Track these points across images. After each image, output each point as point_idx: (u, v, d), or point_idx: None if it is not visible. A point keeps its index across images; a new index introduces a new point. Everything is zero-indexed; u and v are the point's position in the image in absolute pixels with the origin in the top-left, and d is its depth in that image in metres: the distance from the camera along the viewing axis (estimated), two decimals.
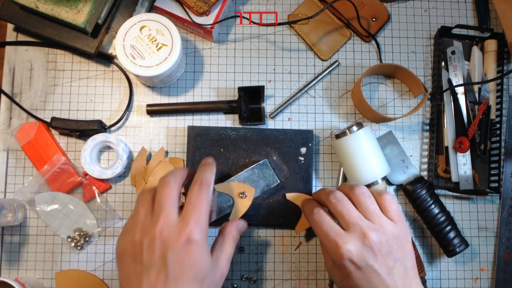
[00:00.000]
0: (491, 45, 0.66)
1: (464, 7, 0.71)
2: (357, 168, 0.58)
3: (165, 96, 0.66)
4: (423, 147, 0.67)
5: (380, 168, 0.59)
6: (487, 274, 0.65)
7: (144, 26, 0.60)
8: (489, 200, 0.66)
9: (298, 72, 0.68)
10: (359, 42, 0.69)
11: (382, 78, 0.68)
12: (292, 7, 0.69)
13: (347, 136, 0.59)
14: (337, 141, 0.60)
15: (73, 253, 0.62)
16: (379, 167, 0.59)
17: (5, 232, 0.62)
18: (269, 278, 0.63)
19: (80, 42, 0.62)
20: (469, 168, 0.64)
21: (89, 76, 0.66)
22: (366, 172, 0.58)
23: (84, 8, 0.59)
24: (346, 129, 0.59)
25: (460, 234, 0.62)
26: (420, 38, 0.69)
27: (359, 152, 0.58)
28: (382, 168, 0.59)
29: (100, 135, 0.62)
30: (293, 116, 0.67)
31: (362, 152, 0.58)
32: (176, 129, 0.65)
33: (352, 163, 0.59)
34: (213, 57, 0.67)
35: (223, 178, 0.61)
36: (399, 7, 0.70)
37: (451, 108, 0.65)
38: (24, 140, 0.62)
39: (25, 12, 0.61)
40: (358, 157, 0.58)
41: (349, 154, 0.59)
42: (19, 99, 0.65)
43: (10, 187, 0.63)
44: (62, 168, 0.62)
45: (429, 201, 0.62)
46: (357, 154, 0.58)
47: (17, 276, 0.62)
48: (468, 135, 0.63)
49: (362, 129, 0.59)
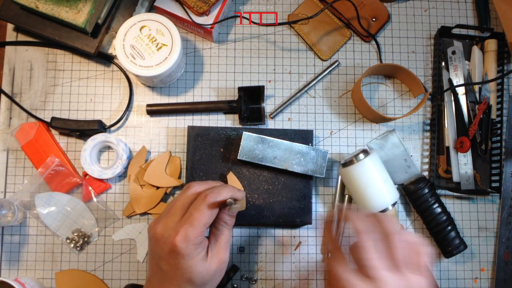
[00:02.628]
0: (491, 44, 0.66)
1: (464, 7, 0.71)
2: (367, 196, 0.57)
3: (165, 96, 0.66)
4: (424, 147, 0.67)
5: (390, 195, 0.57)
6: (487, 274, 0.65)
7: (144, 26, 0.60)
8: (489, 200, 0.66)
9: (298, 72, 0.68)
10: (359, 42, 0.69)
11: (382, 78, 0.68)
12: (292, 7, 0.69)
13: (354, 165, 0.57)
14: (344, 169, 0.58)
15: (73, 253, 0.62)
16: (389, 194, 0.57)
17: (5, 232, 0.62)
18: (269, 278, 0.63)
19: (80, 42, 0.62)
20: (470, 168, 0.64)
21: (89, 76, 0.66)
22: (376, 200, 0.57)
23: (84, 8, 0.59)
24: (353, 157, 0.57)
25: (460, 236, 0.62)
26: (420, 38, 0.69)
27: (367, 180, 0.57)
28: (392, 194, 0.58)
29: (100, 135, 0.62)
30: (293, 116, 0.67)
31: (370, 180, 0.57)
32: (176, 129, 0.65)
33: (361, 191, 0.57)
34: (213, 57, 0.67)
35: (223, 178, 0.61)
36: (399, 7, 0.70)
37: (452, 108, 0.65)
38: (24, 140, 0.62)
39: (25, 12, 0.61)
40: (367, 185, 0.57)
41: (357, 183, 0.57)
42: (19, 99, 0.65)
43: (10, 187, 0.63)
44: (56, 170, 0.62)
45: (430, 201, 0.61)
46: (365, 182, 0.57)
47: (17, 276, 0.62)
48: (469, 135, 0.63)
49: (368, 156, 0.57)
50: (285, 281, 0.63)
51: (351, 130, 0.67)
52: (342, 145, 0.66)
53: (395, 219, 0.59)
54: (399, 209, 0.65)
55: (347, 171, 0.58)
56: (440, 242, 0.62)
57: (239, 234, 0.64)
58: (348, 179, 0.58)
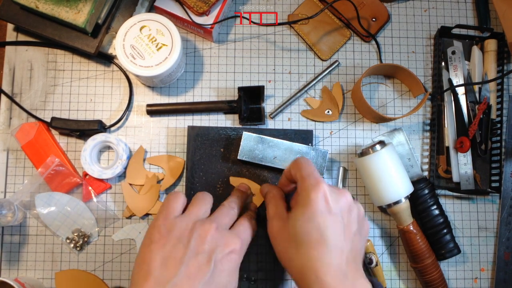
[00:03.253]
0: (491, 44, 0.66)
1: (464, 7, 0.71)
2: (380, 187, 0.58)
3: (165, 96, 0.66)
4: (424, 147, 0.67)
5: (404, 187, 0.58)
6: (487, 274, 0.65)
7: (144, 26, 0.60)
8: (489, 200, 0.66)
9: (298, 72, 0.68)
10: (359, 42, 0.69)
11: (382, 78, 0.68)
12: (292, 7, 0.69)
13: (370, 155, 0.58)
14: (359, 159, 0.59)
15: (73, 253, 0.62)
16: (403, 186, 0.58)
17: (5, 232, 0.62)
18: (269, 278, 0.63)
19: (80, 42, 0.62)
20: (470, 168, 0.64)
21: (89, 76, 0.66)
22: (390, 191, 0.58)
23: (84, 8, 0.59)
24: (369, 147, 0.58)
25: (454, 240, 0.61)
26: (420, 38, 0.69)
27: (383, 171, 0.58)
28: (406, 187, 0.58)
29: (100, 135, 0.62)
30: (293, 116, 0.67)
31: (385, 171, 0.58)
32: (176, 129, 0.65)
33: (375, 182, 0.58)
34: (213, 57, 0.67)
35: (225, 178, 0.61)
36: (399, 7, 0.70)
37: (452, 108, 0.65)
38: (24, 140, 0.62)
39: (25, 12, 0.61)
40: (381, 176, 0.58)
41: (372, 173, 0.58)
42: (19, 99, 0.65)
43: (10, 187, 0.63)
44: (56, 170, 0.62)
45: (429, 202, 0.61)
46: (380, 173, 0.58)
47: (17, 276, 0.62)
48: (469, 135, 0.63)
49: (384, 148, 0.58)
50: (285, 281, 0.63)
51: (351, 130, 0.67)
52: (342, 145, 0.66)
53: (407, 212, 0.59)
54: None
55: (363, 161, 0.59)
56: (434, 245, 0.61)
57: None
58: (364, 169, 0.59)
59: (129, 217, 0.63)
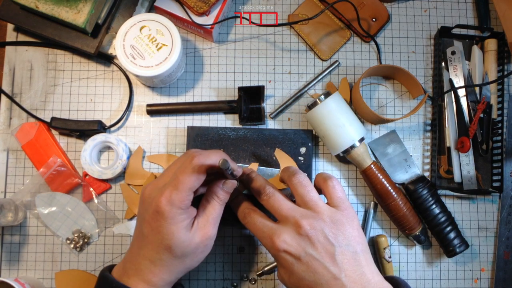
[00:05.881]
0: (491, 44, 0.66)
1: (464, 7, 0.71)
2: (332, 136, 0.60)
3: (165, 96, 0.66)
4: (425, 148, 0.67)
5: (355, 131, 0.60)
6: (487, 274, 0.65)
7: (144, 26, 0.60)
8: (489, 200, 0.66)
9: (298, 72, 0.68)
10: (359, 43, 0.69)
11: (381, 79, 0.68)
12: (292, 7, 0.69)
13: (317, 106, 0.60)
14: (309, 113, 0.61)
15: (73, 253, 0.62)
16: (354, 130, 0.60)
17: (5, 232, 0.62)
18: (269, 278, 0.63)
19: (80, 42, 0.62)
20: (472, 168, 0.64)
21: (89, 76, 0.66)
22: (342, 138, 0.59)
23: (84, 8, 0.59)
24: (316, 99, 0.60)
25: (461, 235, 0.62)
26: (420, 38, 0.69)
27: (332, 119, 0.59)
28: (357, 130, 0.60)
29: (100, 135, 0.62)
30: (293, 116, 0.67)
31: (335, 119, 0.59)
32: (176, 129, 0.65)
33: (327, 132, 0.60)
34: (213, 57, 0.67)
35: None
36: (399, 7, 0.70)
37: (453, 108, 0.65)
38: (24, 140, 0.62)
39: (25, 12, 0.62)
40: (331, 125, 0.59)
41: (323, 123, 0.60)
42: (19, 99, 0.65)
43: (10, 187, 0.63)
44: (58, 170, 0.62)
45: (430, 201, 0.61)
46: (330, 121, 0.59)
47: (17, 276, 0.62)
48: (469, 134, 0.63)
49: (330, 96, 0.60)
50: None
51: None
52: None
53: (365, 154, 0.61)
54: None
55: (312, 114, 0.61)
56: (441, 242, 0.62)
57: (239, 234, 0.64)
58: (315, 121, 0.61)
59: (131, 218, 0.63)
